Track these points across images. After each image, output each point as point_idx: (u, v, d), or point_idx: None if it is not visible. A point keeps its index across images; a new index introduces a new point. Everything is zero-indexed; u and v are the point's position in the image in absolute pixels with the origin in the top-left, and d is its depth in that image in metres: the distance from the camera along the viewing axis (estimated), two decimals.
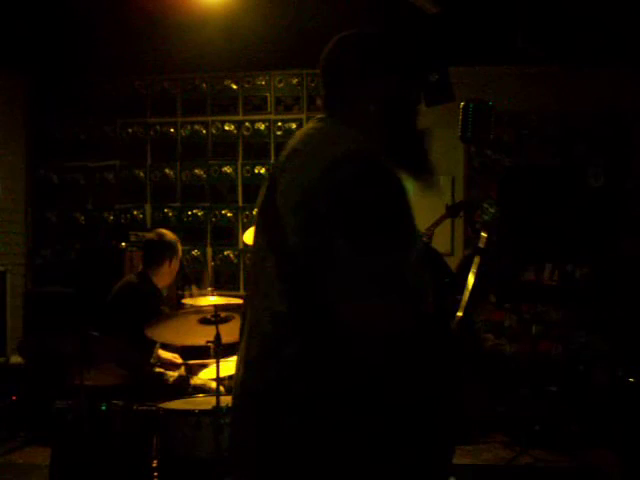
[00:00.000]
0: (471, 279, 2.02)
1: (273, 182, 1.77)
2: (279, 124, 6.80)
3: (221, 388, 3.62)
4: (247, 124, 6.86)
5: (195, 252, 6.78)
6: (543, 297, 6.39)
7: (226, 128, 6.90)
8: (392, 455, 1.68)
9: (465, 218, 6.49)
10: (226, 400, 3.42)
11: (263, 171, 6.77)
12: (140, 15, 5.36)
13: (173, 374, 4.30)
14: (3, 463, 5.44)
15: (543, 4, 5.20)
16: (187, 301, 4.36)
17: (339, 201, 1.61)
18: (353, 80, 1.86)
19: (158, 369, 4.31)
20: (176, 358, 4.52)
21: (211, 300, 3.87)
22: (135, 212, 6.97)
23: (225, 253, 6.81)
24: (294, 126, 6.72)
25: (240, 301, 3.68)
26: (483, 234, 2.15)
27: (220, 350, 3.53)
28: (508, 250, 6.00)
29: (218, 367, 3.52)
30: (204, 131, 6.93)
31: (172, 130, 6.96)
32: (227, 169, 6.87)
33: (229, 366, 3.81)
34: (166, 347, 4.53)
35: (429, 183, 1.87)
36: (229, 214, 6.83)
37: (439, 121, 6.27)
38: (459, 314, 1.94)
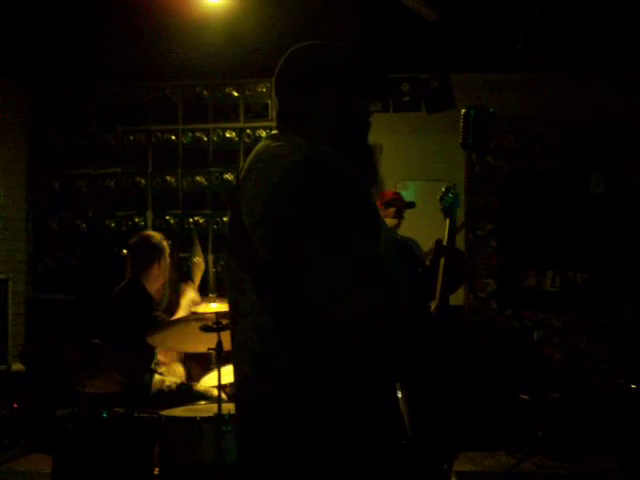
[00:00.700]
0: (442, 265, 2.03)
1: (236, 203, 1.78)
2: None
3: (223, 395, 3.61)
4: (248, 131, 6.86)
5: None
6: (544, 303, 6.39)
7: (227, 135, 6.90)
8: (393, 454, 1.70)
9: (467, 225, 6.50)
10: (228, 407, 3.42)
11: None
12: (141, 22, 5.37)
13: (174, 380, 4.29)
14: (4, 471, 5.44)
15: (543, 11, 5.21)
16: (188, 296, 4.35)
17: (299, 205, 1.62)
18: (304, 93, 1.88)
19: (158, 376, 4.30)
20: (179, 366, 4.49)
21: (213, 307, 3.87)
22: (136, 219, 6.97)
23: None
24: None
25: None
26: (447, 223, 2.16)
27: (222, 357, 3.53)
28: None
29: (219, 374, 3.52)
30: (205, 138, 6.93)
31: (173, 137, 6.97)
32: (228, 176, 6.87)
33: (231, 373, 3.80)
34: None
35: (375, 194, 1.88)
36: None
37: (440, 128, 6.36)
38: (435, 300, 1.96)
